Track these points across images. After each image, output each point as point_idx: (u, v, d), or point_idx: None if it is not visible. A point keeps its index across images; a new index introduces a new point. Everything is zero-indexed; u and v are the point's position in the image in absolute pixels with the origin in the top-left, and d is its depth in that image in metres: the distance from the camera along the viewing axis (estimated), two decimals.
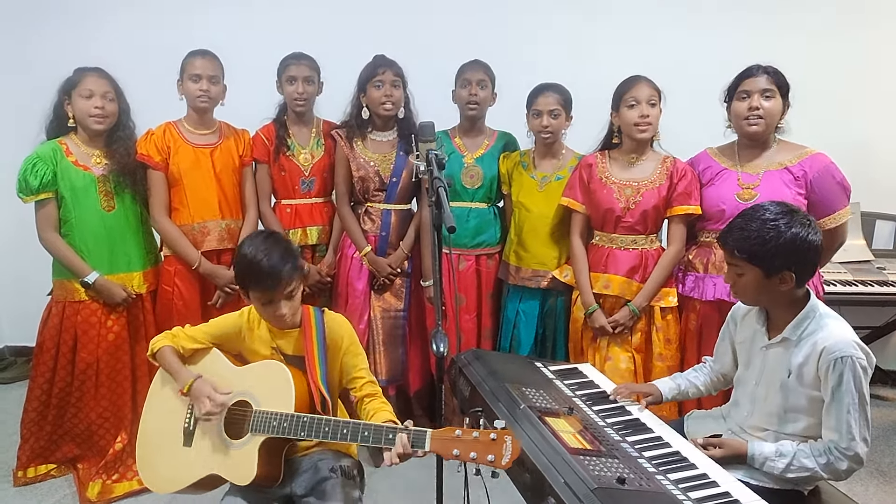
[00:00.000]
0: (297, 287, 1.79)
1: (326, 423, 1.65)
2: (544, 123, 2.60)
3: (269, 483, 1.76)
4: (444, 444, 1.49)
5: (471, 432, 1.46)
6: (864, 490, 2.63)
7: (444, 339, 1.57)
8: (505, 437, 1.42)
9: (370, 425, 1.61)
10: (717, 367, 1.99)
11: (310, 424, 1.66)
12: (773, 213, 1.63)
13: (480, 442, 1.44)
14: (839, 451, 1.60)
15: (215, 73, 2.59)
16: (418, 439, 1.52)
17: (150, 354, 1.89)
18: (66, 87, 2.47)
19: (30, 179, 2.41)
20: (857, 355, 1.58)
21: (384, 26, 3.42)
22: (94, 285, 2.49)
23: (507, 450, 1.41)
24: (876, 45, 3.39)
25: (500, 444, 1.42)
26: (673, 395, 1.99)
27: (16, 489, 2.58)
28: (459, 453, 1.45)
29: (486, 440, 1.44)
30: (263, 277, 1.73)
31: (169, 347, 1.86)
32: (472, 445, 1.44)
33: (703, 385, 2.00)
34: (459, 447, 1.46)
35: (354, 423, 1.63)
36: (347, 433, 1.62)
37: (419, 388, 2.91)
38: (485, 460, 1.43)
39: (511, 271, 2.75)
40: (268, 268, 1.72)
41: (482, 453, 1.43)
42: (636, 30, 3.42)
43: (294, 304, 1.80)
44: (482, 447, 1.43)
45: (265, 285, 1.74)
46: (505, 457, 1.41)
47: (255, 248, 1.75)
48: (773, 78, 2.27)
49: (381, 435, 1.58)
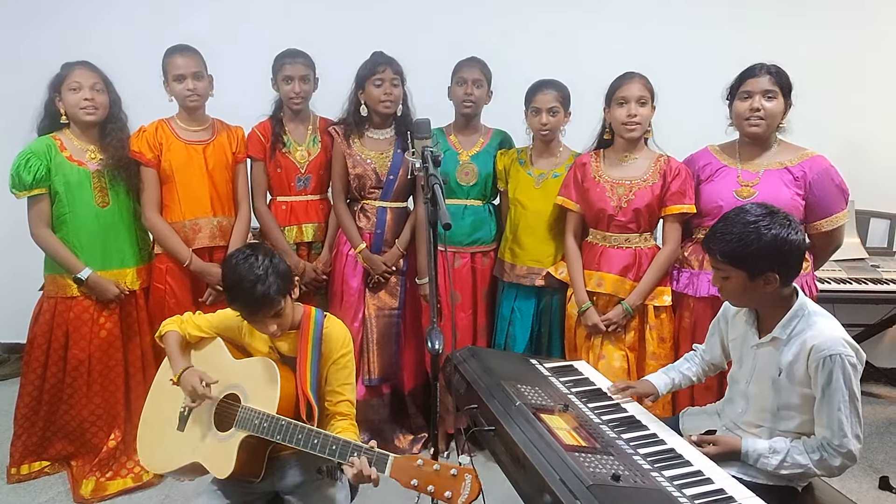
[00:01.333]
0: (283, 306, 1.75)
1: (300, 430, 1.65)
2: (543, 121, 2.59)
3: (250, 479, 1.77)
4: (405, 472, 1.47)
5: (432, 464, 1.44)
6: (857, 486, 2.65)
7: (440, 336, 1.57)
8: (465, 475, 1.40)
9: (339, 439, 1.61)
10: (708, 357, 2.02)
11: (285, 429, 1.66)
12: (753, 216, 1.63)
13: (440, 476, 1.42)
14: (832, 448, 1.61)
15: (198, 69, 2.56)
16: (379, 462, 1.52)
17: (158, 336, 1.94)
18: (54, 83, 2.46)
19: (23, 175, 2.40)
20: (846, 353, 1.59)
21: (379, 21, 3.42)
22: (87, 282, 2.48)
23: (465, 488, 1.39)
24: (872, 42, 3.40)
25: (459, 481, 1.40)
26: (668, 390, 2.02)
27: (9, 486, 2.57)
28: (417, 484, 1.44)
29: (446, 475, 1.41)
30: (245, 302, 1.71)
31: (175, 333, 1.90)
32: (431, 478, 1.43)
33: (695, 375, 2.03)
34: (418, 478, 1.44)
35: (325, 434, 1.63)
36: (318, 443, 1.62)
37: (413, 387, 2.90)
38: (441, 496, 1.41)
39: (506, 268, 2.75)
40: (249, 295, 1.68)
41: (440, 488, 1.41)
42: (634, 26, 3.42)
43: (282, 321, 1.78)
44: (440, 482, 1.41)
45: (247, 309, 1.74)
46: (462, 496, 1.38)
47: (237, 269, 1.70)
48: (775, 78, 2.27)
49: (347, 451, 1.57)
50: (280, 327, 1.77)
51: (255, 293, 1.68)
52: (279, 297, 1.72)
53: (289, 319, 1.81)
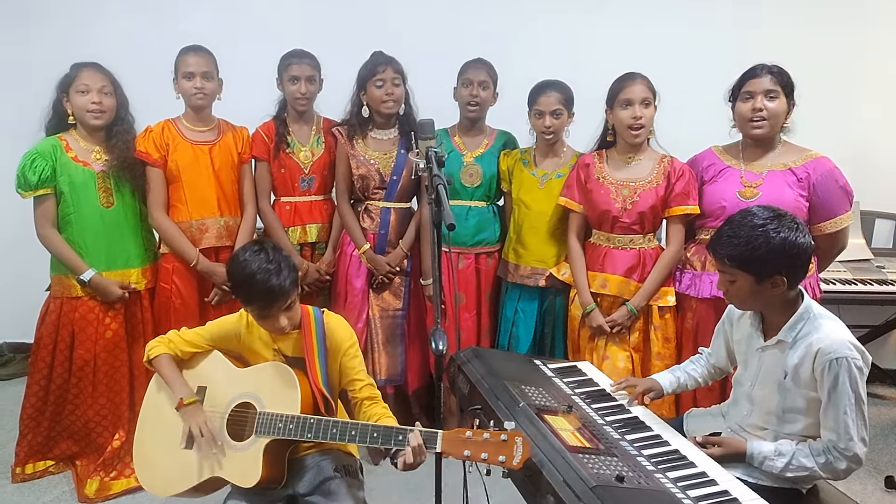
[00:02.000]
0: (294, 299, 1.76)
1: (334, 424, 1.64)
2: (546, 124, 2.59)
3: (274, 485, 1.75)
4: (455, 444, 1.48)
5: (481, 433, 1.46)
6: (862, 489, 2.63)
7: (444, 337, 1.57)
8: (516, 439, 1.43)
9: (379, 427, 1.61)
10: (713, 360, 2.00)
11: (317, 426, 1.65)
12: (760, 219, 1.63)
13: (491, 443, 1.44)
14: (838, 451, 1.60)
15: (209, 70, 2.57)
16: (429, 439, 1.52)
17: (147, 361, 1.87)
18: (63, 83, 2.47)
19: (28, 175, 2.41)
20: (852, 356, 1.58)
21: (383, 21, 3.43)
22: (90, 283, 2.49)
23: (517, 451, 1.42)
24: (876, 42, 3.39)
25: (510, 444, 1.43)
26: (673, 389, 2.00)
27: (14, 486, 2.58)
28: (470, 454, 1.45)
29: (497, 441, 1.44)
30: (260, 296, 1.70)
31: (167, 356, 1.83)
32: (482, 446, 1.45)
33: (700, 377, 2.02)
34: (470, 448, 1.46)
35: (363, 424, 1.63)
36: (356, 434, 1.61)
37: (417, 388, 2.90)
38: (496, 461, 1.43)
39: (510, 269, 2.75)
40: (264, 287, 1.67)
41: (493, 454, 1.43)
42: (636, 26, 3.42)
43: (292, 315, 1.77)
44: (493, 448, 1.44)
45: (262, 303, 1.72)
46: (516, 457, 1.41)
47: (249, 264, 1.69)
48: (777, 78, 2.26)
49: (391, 436, 1.57)
50: (290, 321, 1.77)
51: (271, 286, 1.67)
52: (292, 289, 1.73)
53: (298, 314, 1.81)
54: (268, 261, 1.70)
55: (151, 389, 1.90)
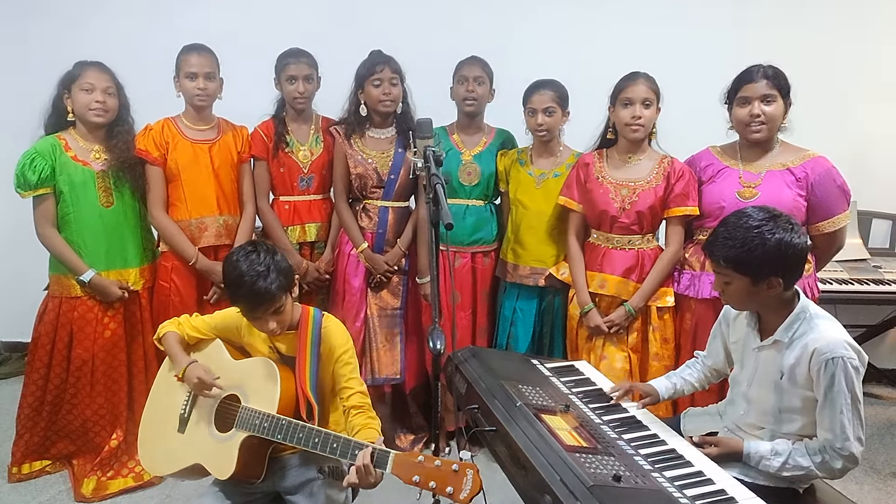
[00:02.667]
0: (283, 302, 1.75)
1: (301, 429, 1.65)
2: (539, 122, 2.59)
3: (251, 479, 1.77)
4: (406, 468, 1.47)
5: (433, 460, 1.44)
6: (858, 488, 2.64)
7: (441, 336, 1.57)
8: (467, 471, 1.39)
9: (339, 437, 1.60)
10: (710, 362, 2.00)
11: (286, 428, 1.66)
12: (756, 220, 1.63)
13: (441, 472, 1.41)
14: (834, 451, 1.60)
15: (211, 70, 2.57)
16: (381, 459, 1.51)
17: (157, 339, 1.94)
18: (65, 80, 2.46)
19: (28, 175, 2.40)
20: (848, 355, 1.58)
21: (381, 20, 3.42)
22: (90, 284, 2.48)
23: (467, 484, 1.38)
24: (874, 42, 3.40)
25: (460, 477, 1.39)
26: (669, 395, 2.00)
27: (10, 485, 2.57)
28: (419, 480, 1.43)
29: (448, 471, 1.40)
30: (246, 297, 1.71)
31: (174, 333, 1.91)
32: (433, 474, 1.42)
33: (697, 382, 2.01)
34: (420, 474, 1.43)
35: (326, 433, 1.62)
36: (318, 442, 1.61)
37: (415, 387, 2.91)
38: (443, 492, 1.40)
39: (509, 269, 2.75)
40: (249, 290, 1.68)
41: (441, 484, 1.40)
42: (635, 25, 3.42)
43: (282, 318, 1.78)
44: (442, 478, 1.40)
45: (247, 305, 1.73)
46: (464, 491, 1.38)
47: (239, 265, 1.70)
48: (772, 81, 2.25)
49: (349, 449, 1.57)
50: (280, 325, 1.77)
51: (257, 289, 1.67)
52: (280, 294, 1.72)
53: (288, 317, 1.81)
54: (258, 263, 1.70)
55: (161, 371, 1.98)
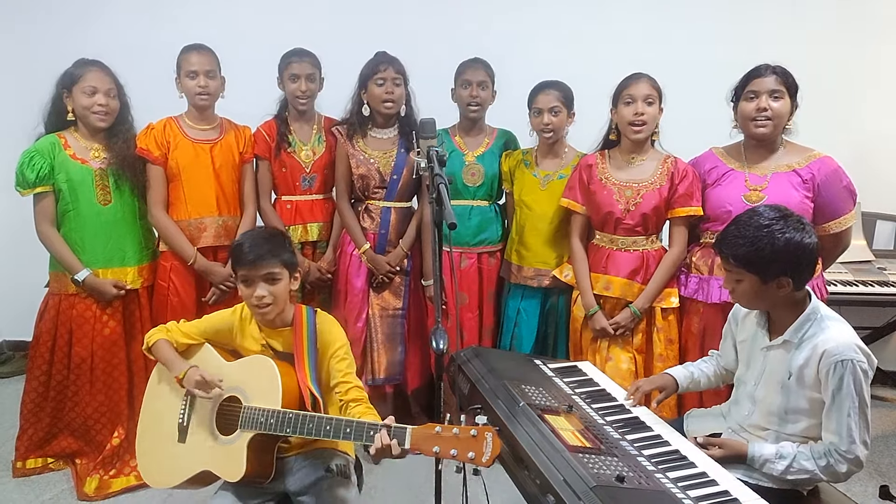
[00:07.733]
0: (280, 274, 1.80)
1: (310, 419, 1.64)
2: (545, 122, 2.59)
3: (260, 479, 1.76)
4: (424, 440, 1.46)
5: (451, 428, 1.43)
6: (863, 490, 2.63)
7: (445, 336, 1.56)
8: (486, 434, 1.39)
9: (352, 421, 1.61)
10: (723, 363, 2.00)
11: (294, 421, 1.66)
12: (766, 219, 1.62)
13: (460, 439, 1.41)
14: (839, 454, 1.60)
15: (212, 68, 2.57)
16: (398, 436, 1.51)
17: (146, 348, 1.92)
18: (66, 80, 2.45)
19: (27, 173, 2.41)
20: (857, 358, 1.58)
21: (384, 21, 3.42)
22: (84, 283, 2.48)
23: (487, 447, 1.38)
24: (877, 44, 3.38)
25: (480, 440, 1.39)
26: (687, 384, 1.98)
27: (15, 483, 2.58)
28: (439, 450, 1.43)
29: (467, 437, 1.40)
30: (244, 254, 1.78)
31: (164, 340, 1.89)
32: (452, 442, 1.41)
33: (712, 375, 2.00)
34: (439, 444, 1.43)
35: (337, 419, 1.62)
36: (330, 430, 1.61)
37: (417, 387, 2.90)
38: (465, 457, 1.39)
39: (513, 270, 2.75)
40: (249, 246, 1.80)
41: (462, 450, 1.40)
42: (638, 26, 3.41)
43: (276, 291, 1.79)
44: (462, 444, 1.40)
45: (244, 262, 1.78)
46: (485, 454, 1.38)
47: (247, 234, 1.92)
48: (781, 78, 2.25)
49: (363, 431, 1.57)
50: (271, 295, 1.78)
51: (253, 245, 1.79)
52: (279, 262, 1.80)
53: (283, 297, 1.82)
54: (263, 232, 1.91)
55: (152, 381, 1.95)
